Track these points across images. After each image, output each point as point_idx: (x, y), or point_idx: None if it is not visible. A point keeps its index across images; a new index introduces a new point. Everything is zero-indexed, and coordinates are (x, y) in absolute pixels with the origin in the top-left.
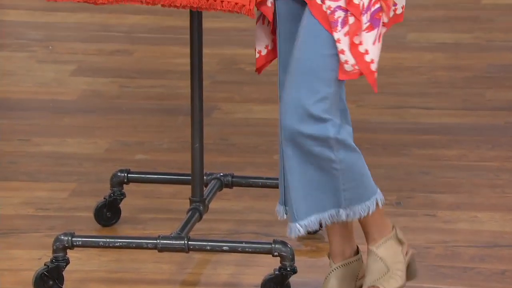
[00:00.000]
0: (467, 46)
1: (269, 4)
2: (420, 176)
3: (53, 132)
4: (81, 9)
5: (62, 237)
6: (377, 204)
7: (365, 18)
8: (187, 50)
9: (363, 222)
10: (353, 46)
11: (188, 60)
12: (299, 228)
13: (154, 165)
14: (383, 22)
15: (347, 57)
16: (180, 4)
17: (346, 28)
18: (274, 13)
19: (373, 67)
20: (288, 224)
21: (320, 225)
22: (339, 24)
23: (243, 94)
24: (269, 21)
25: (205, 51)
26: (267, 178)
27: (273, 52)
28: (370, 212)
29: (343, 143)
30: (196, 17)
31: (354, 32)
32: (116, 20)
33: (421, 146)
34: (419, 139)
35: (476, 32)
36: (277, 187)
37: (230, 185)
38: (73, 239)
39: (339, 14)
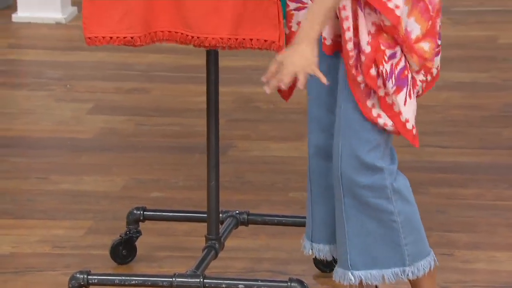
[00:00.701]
0: (483, 86)
1: None
2: (437, 214)
3: (70, 170)
4: (100, 49)
5: (78, 275)
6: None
7: (390, 84)
8: (204, 88)
9: (415, 282)
10: (387, 109)
11: (204, 99)
12: (352, 277)
13: (170, 202)
14: (412, 76)
15: (385, 119)
16: (209, 44)
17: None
18: None
19: (409, 125)
20: (337, 269)
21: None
22: (371, 92)
23: (259, 132)
24: None
25: (222, 89)
26: (283, 216)
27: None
28: (432, 269)
29: (399, 193)
30: (212, 55)
31: (383, 98)
32: (135, 59)
33: (437, 185)
34: (436, 177)
35: (493, 72)
36: (293, 225)
37: (245, 223)
38: (88, 277)
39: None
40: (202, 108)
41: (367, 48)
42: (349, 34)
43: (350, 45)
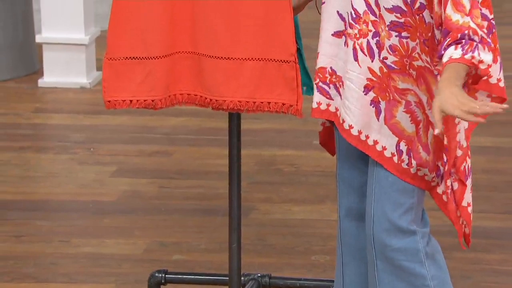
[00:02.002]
0: (507, 150)
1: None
2: (462, 280)
3: (93, 233)
4: (123, 112)
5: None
6: None
7: (469, 181)
8: (226, 151)
9: None
10: (462, 209)
11: (226, 161)
12: None
13: (191, 265)
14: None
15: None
16: (228, 107)
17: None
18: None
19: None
20: None
21: None
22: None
23: (281, 194)
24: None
25: (244, 152)
26: (305, 279)
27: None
28: None
29: (432, 257)
30: (235, 119)
31: (461, 198)
32: (157, 122)
33: (462, 250)
34: (458, 242)
35: None
36: None
37: (267, 286)
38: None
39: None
40: (224, 170)
41: (464, 143)
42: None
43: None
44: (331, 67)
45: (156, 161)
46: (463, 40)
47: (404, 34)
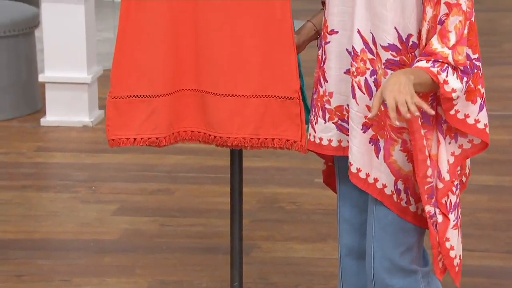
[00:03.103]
0: (509, 189)
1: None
2: None
3: (94, 272)
4: (125, 151)
5: None
6: None
7: (452, 216)
8: (227, 189)
9: None
10: (441, 244)
11: (228, 199)
12: None
13: None
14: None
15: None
16: (232, 144)
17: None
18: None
19: (456, 262)
20: None
21: None
22: (434, 228)
23: (283, 232)
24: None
25: (245, 189)
26: None
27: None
28: None
29: None
30: (236, 156)
31: (443, 232)
32: (158, 161)
33: None
34: (462, 281)
35: None
36: None
37: None
38: None
39: (434, 218)
40: (225, 208)
41: (446, 176)
42: (426, 167)
43: (428, 179)
44: (347, 104)
45: (158, 199)
46: (436, 62)
47: None
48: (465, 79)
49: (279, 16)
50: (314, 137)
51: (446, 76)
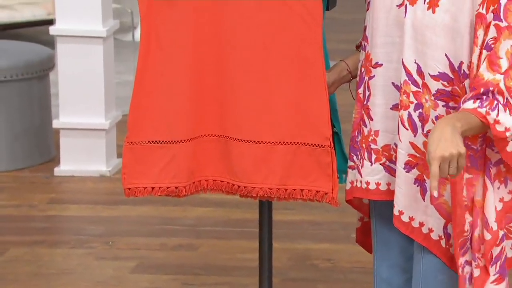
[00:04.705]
0: None
1: (365, 201)
2: None
3: None
4: (144, 202)
5: None
6: None
7: (493, 270)
8: (256, 244)
9: None
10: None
11: (256, 256)
12: None
13: None
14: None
15: None
16: (257, 194)
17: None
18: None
19: None
20: None
21: None
22: (466, 281)
23: None
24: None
25: (275, 245)
26: None
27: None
28: None
29: None
30: (266, 208)
31: (480, 286)
32: (181, 213)
33: None
34: None
35: None
36: None
37: None
38: None
39: (467, 269)
40: (254, 266)
41: (494, 226)
42: (468, 218)
43: (466, 226)
44: (394, 143)
45: (180, 255)
46: (484, 96)
47: (451, 104)
48: None
49: (310, 57)
50: (360, 182)
51: (497, 115)
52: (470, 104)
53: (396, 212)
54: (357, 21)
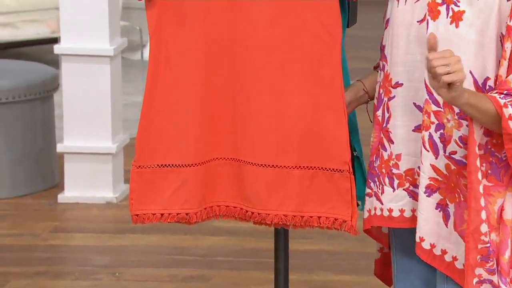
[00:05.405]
0: None
1: (384, 230)
2: None
3: None
4: (153, 230)
5: None
6: None
7: None
8: (271, 276)
9: None
10: None
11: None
12: None
13: None
14: None
15: None
16: (272, 222)
17: None
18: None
19: None
20: None
21: None
22: None
23: None
24: None
25: (292, 277)
26: None
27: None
28: None
29: None
30: (281, 237)
31: None
32: (192, 242)
33: None
34: None
35: None
36: None
37: None
38: None
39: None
40: None
41: None
42: (480, 220)
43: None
44: (418, 167)
45: (191, 287)
46: (508, 96)
47: None
48: None
49: (328, 77)
50: (382, 209)
51: None
52: (492, 93)
53: (417, 239)
54: (378, 38)
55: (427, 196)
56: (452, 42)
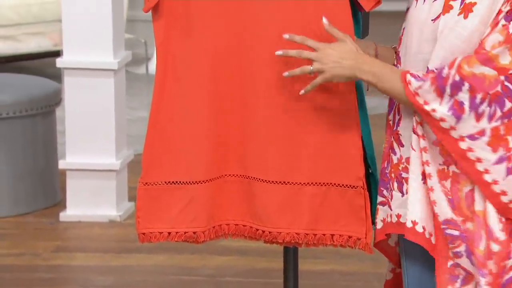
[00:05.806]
0: None
1: (392, 243)
2: None
3: None
4: (158, 250)
5: None
6: None
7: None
8: None
9: None
10: None
11: None
12: None
13: None
14: None
15: None
16: (283, 240)
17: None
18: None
19: None
20: None
21: None
22: (459, 280)
23: None
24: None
25: None
26: None
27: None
28: None
29: None
30: (291, 257)
31: None
32: (199, 262)
33: None
34: None
35: None
36: None
37: None
38: None
39: (459, 271)
40: None
41: (501, 235)
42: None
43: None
44: None
45: None
46: (436, 70)
47: None
48: (465, 103)
49: (341, 90)
50: (391, 216)
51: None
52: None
53: (409, 224)
54: None
55: (423, 183)
56: (458, 33)
